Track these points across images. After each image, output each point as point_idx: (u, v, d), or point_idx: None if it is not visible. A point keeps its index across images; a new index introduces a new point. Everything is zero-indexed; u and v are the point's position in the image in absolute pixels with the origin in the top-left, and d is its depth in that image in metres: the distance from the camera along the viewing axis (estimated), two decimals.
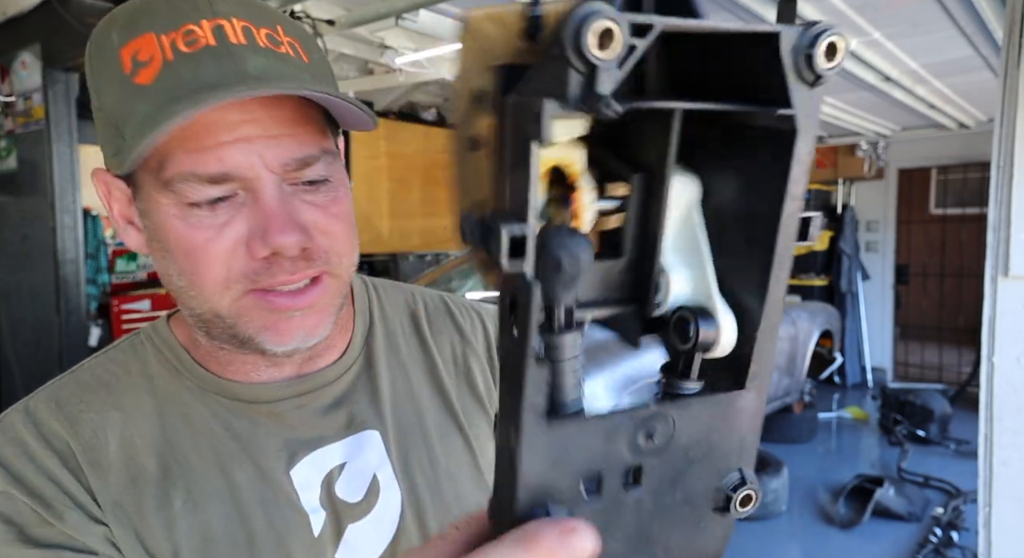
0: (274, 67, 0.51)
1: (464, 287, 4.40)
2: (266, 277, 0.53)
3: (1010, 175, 1.82)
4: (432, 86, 5.97)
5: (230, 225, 0.52)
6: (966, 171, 6.21)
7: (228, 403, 0.61)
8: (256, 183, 0.51)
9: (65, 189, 3.76)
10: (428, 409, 0.68)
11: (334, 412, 0.63)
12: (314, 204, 0.54)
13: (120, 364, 0.62)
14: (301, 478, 0.60)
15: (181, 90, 0.48)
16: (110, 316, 4.86)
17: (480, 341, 0.76)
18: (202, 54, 0.49)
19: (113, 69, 0.51)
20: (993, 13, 2.88)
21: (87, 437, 0.57)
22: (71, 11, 3.24)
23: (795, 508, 3.86)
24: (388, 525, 0.62)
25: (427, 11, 2.88)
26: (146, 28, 0.50)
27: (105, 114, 0.52)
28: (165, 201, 0.52)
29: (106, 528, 0.55)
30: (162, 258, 0.55)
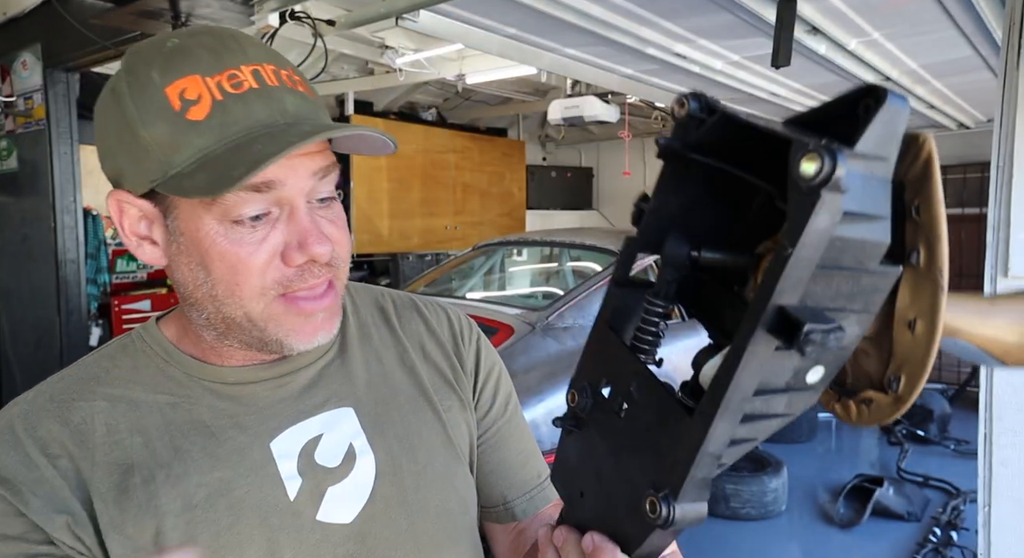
0: (303, 105, 0.60)
1: (464, 287, 4.40)
2: (298, 282, 0.61)
3: (1010, 175, 1.83)
4: (432, 86, 5.97)
5: (267, 240, 0.60)
6: (965, 171, 6.22)
7: (213, 386, 0.67)
8: (293, 202, 0.60)
9: (66, 189, 3.76)
10: (400, 388, 0.76)
11: (310, 391, 0.70)
12: (328, 219, 0.63)
13: (110, 359, 0.69)
14: (281, 449, 0.67)
15: (235, 126, 0.57)
16: (110, 316, 4.86)
17: (446, 332, 0.83)
18: (248, 95, 0.58)
19: (160, 105, 0.57)
20: (993, 13, 2.88)
21: (76, 423, 0.63)
22: (71, 11, 3.24)
23: (795, 508, 3.86)
24: (364, 487, 0.69)
25: (427, 11, 2.88)
26: (190, 70, 0.57)
27: (146, 143, 0.58)
28: (208, 218, 0.59)
29: (69, 517, 0.59)
30: (192, 269, 0.61)
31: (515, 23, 3.15)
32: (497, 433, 0.82)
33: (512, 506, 0.82)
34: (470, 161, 7.21)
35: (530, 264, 5.21)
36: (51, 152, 3.69)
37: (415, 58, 4.29)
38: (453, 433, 0.77)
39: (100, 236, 4.63)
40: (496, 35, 3.35)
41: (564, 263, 4.73)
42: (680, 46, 3.49)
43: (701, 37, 3.37)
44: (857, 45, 3.38)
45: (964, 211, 6.31)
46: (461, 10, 2.97)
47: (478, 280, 4.54)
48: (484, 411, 0.82)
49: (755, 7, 2.75)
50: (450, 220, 7.03)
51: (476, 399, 0.82)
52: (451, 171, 6.90)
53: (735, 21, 3.03)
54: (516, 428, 0.85)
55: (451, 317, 0.85)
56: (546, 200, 8.40)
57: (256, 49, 0.61)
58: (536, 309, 3.42)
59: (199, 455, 0.64)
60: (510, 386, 0.86)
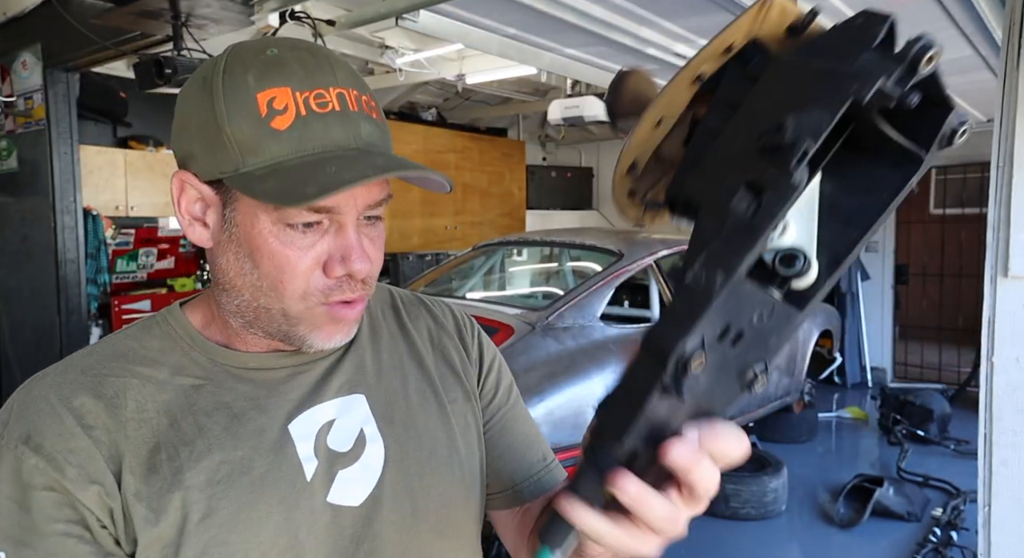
0: (375, 132, 0.64)
1: (464, 287, 4.41)
2: (337, 293, 0.66)
3: (1010, 175, 1.83)
4: (432, 86, 5.97)
5: (314, 248, 0.64)
6: (965, 171, 6.22)
7: (236, 371, 0.70)
8: (344, 219, 0.64)
9: (66, 189, 3.76)
10: (409, 378, 0.79)
11: (326, 379, 0.74)
12: (370, 238, 0.68)
13: (136, 339, 0.71)
14: (298, 431, 0.70)
15: (312, 143, 0.61)
16: (110, 316, 4.86)
17: (451, 326, 0.88)
18: (330, 116, 0.61)
19: (249, 107, 0.61)
20: (992, 13, 2.88)
21: (109, 396, 0.65)
22: (71, 11, 3.24)
23: (795, 508, 3.86)
24: (373, 471, 0.72)
25: (427, 11, 2.88)
26: (283, 82, 0.61)
27: (226, 139, 0.62)
28: (265, 217, 0.63)
29: (101, 488, 0.62)
30: (238, 258, 0.66)
31: (515, 23, 3.15)
32: (502, 419, 0.86)
33: (520, 488, 0.85)
34: (470, 161, 7.21)
35: (530, 264, 5.21)
36: (51, 152, 3.69)
37: (415, 58, 4.29)
38: (458, 423, 0.80)
39: (100, 236, 4.62)
40: (496, 35, 3.35)
41: (564, 263, 4.73)
42: (680, 46, 3.49)
43: (701, 37, 3.37)
44: None
45: (964, 211, 6.31)
46: (461, 10, 2.97)
47: (478, 280, 4.54)
48: (488, 399, 0.86)
49: None
50: (450, 220, 7.04)
51: (480, 388, 0.85)
52: (451, 171, 6.90)
53: None
54: (519, 414, 0.89)
55: (455, 312, 0.90)
56: (546, 200, 8.40)
57: (345, 73, 0.64)
58: (536, 309, 3.42)
59: (222, 434, 0.67)
60: (510, 376, 0.91)
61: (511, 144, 8.00)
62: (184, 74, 3.01)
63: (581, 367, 3.05)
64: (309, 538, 0.67)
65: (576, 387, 2.99)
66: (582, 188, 8.82)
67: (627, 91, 0.65)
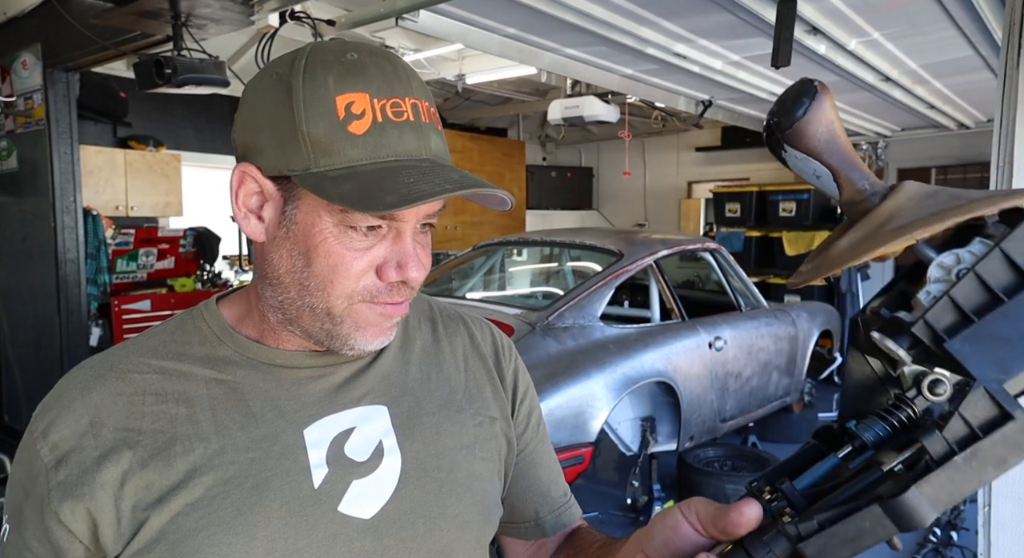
0: (442, 146, 0.66)
1: (464, 287, 4.41)
2: (386, 296, 0.66)
3: (1010, 175, 1.83)
4: (432, 86, 5.97)
5: (371, 251, 0.65)
6: (966, 171, 6.22)
7: (262, 366, 0.70)
8: (404, 227, 0.65)
9: (66, 189, 3.76)
10: (435, 395, 0.78)
11: (350, 385, 0.73)
12: (422, 245, 0.68)
13: (169, 333, 0.73)
14: (313, 437, 0.69)
15: (386, 150, 0.62)
16: (110, 316, 4.86)
17: (488, 348, 0.86)
18: (404, 125, 0.62)
19: (327, 109, 0.61)
20: (992, 13, 2.88)
21: (130, 392, 0.67)
22: (71, 11, 3.24)
23: None
24: (388, 485, 0.70)
25: (427, 11, 2.88)
26: (362, 88, 0.62)
27: (301, 137, 0.62)
28: (328, 218, 0.63)
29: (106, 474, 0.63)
30: (292, 255, 0.66)
31: (515, 23, 3.15)
32: (533, 452, 0.86)
33: (543, 522, 0.85)
34: (470, 161, 7.21)
35: (530, 264, 5.21)
36: (51, 152, 3.69)
37: (415, 58, 4.29)
38: (483, 445, 0.78)
39: (100, 236, 4.62)
40: (496, 35, 3.35)
41: (564, 263, 4.73)
42: (680, 46, 3.49)
43: (701, 37, 3.37)
44: (857, 45, 3.39)
45: None
46: (461, 10, 2.97)
47: (478, 280, 4.54)
48: (521, 430, 0.85)
49: (755, 7, 2.75)
50: (450, 220, 7.04)
51: (513, 417, 0.84)
52: None
53: (735, 21, 3.03)
54: (547, 447, 0.89)
55: (495, 334, 0.89)
56: (546, 200, 8.41)
57: (419, 85, 0.65)
58: (536, 309, 3.42)
59: (237, 433, 0.67)
60: (539, 405, 0.90)
61: (511, 144, 8.00)
62: (184, 74, 3.01)
63: (581, 367, 3.05)
64: (309, 547, 0.66)
65: (576, 387, 2.98)
66: (582, 188, 8.82)
67: (822, 123, 0.57)
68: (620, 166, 7.97)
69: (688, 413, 3.57)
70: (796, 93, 0.57)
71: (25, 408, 4.11)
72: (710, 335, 3.75)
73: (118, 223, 5.03)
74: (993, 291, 0.49)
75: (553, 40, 3.44)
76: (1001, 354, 0.48)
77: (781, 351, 4.35)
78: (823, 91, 0.57)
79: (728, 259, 4.35)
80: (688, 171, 8.21)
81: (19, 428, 4.14)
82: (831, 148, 0.57)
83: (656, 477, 3.58)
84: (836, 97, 3.53)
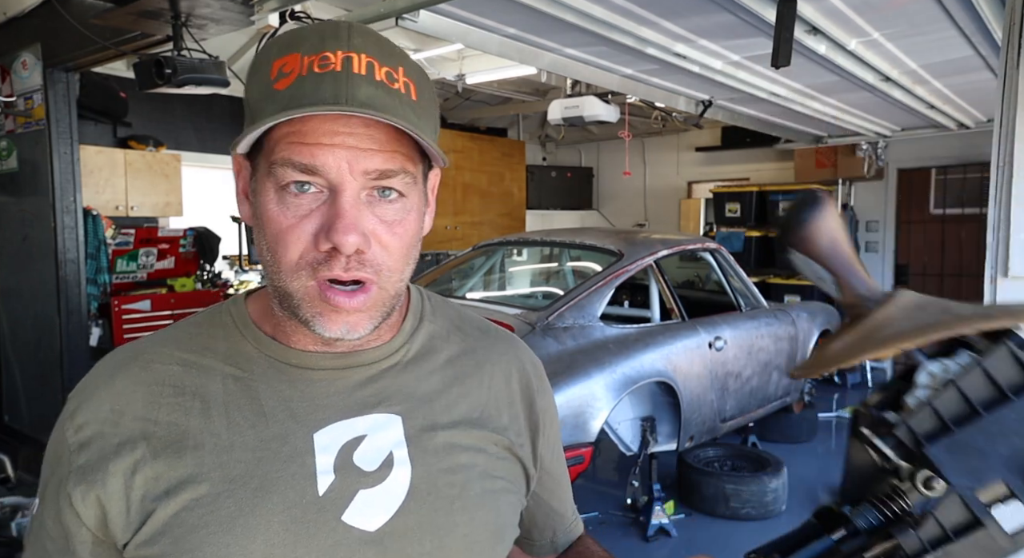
0: (379, 97, 0.61)
1: (464, 288, 4.41)
2: (324, 269, 0.62)
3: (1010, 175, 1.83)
4: None
5: (308, 218, 0.62)
6: (965, 171, 6.22)
7: (278, 365, 0.70)
8: (338, 185, 0.61)
9: (66, 189, 3.76)
10: (454, 409, 0.75)
11: (364, 390, 0.71)
12: (382, 218, 0.63)
13: (196, 326, 0.73)
14: (323, 442, 0.67)
15: (301, 99, 0.59)
16: (110, 316, 4.85)
17: (516, 365, 0.83)
18: (327, 75, 0.60)
19: (263, 74, 0.62)
20: (993, 13, 2.88)
21: (150, 382, 0.68)
22: (71, 11, 3.24)
23: (795, 508, 3.86)
24: (395, 498, 0.68)
25: (427, 11, 2.88)
26: (296, 49, 0.61)
27: (247, 106, 0.64)
28: (268, 183, 0.63)
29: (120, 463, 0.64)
30: (259, 233, 0.65)
31: (515, 23, 3.15)
32: (552, 476, 0.86)
33: (557, 539, 0.89)
34: (470, 161, 7.21)
35: (530, 264, 5.21)
36: (51, 152, 3.69)
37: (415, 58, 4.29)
38: (500, 464, 0.75)
39: (100, 236, 4.62)
40: (496, 35, 3.35)
41: (564, 263, 4.73)
42: (680, 46, 3.49)
43: (701, 37, 3.37)
44: (857, 45, 3.39)
45: (964, 211, 6.31)
46: (461, 10, 2.97)
47: (478, 280, 4.54)
48: (547, 456, 0.84)
49: (755, 7, 2.75)
50: (450, 220, 7.04)
51: (539, 439, 0.81)
52: (451, 171, 6.91)
53: (735, 21, 3.03)
54: (564, 467, 0.89)
55: (525, 354, 0.86)
56: (546, 200, 8.41)
57: (363, 39, 0.62)
58: (536, 309, 3.42)
59: (248, 432, 0.66)
60: (559, 421, 0.90)
61: (511, 144, 8.00)
62: (184, 74, 3.01)
63: (581, 367, 3.05)
64: (308, 555, 0.64)
65: (576, 387, 2.99)
66: (582, 188, 8.82)
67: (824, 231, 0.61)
68: (620, 166, 7.97)
69: (688, 413, 3.57)
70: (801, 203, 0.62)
71: (25, 408, 4.11)
72: (710, 335, 3.75)
73: (118, 223, 5.03)
74: (972, 405, 0.53)
75: (553, 40, 3.44)
76: (976, 464, 0.52)
77: (781, 351, 4.35)
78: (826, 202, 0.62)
79: (728, 259, 4.35)
80: (688, 171, 8.21)
81: (19, 428, 4.14)
82: (832, 255, 0.61)
83: (656, 477, 3.58)
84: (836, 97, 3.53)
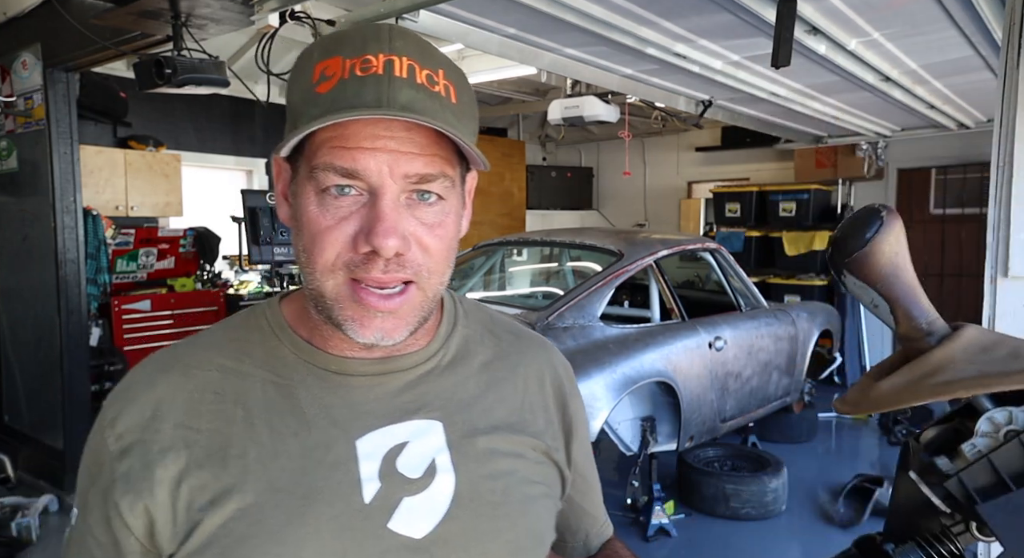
0: (420, 100, 0.61)
1: (464, 288, 4.41)
2: (362, 271, 0.62)
3: (1010, 175, 1.83)
4: None
5: (348, 220, 0.62)
6: (966, 171, 6.21)
7: (317, 371, 0.69)
8: (378, 189, 0.61)
9: (66, 189, 3.76)
10: (492, 414, 0.75)
11: (404, 395, 0.70)
12: (422, 220, 0.63)
13: (233, 329, 0.73)
14: (365, 449, 0.67)
15: (343, 103, 0.59)
16: (110, 316, 4.86)
17: (550, 370, 0.83)
18: (369, 79, 0.60)
19: (305, 77, 0.62)
20: (993, 13, 2.88)
21: (190, 388, 0.67)
22: (71, 11, 3.24)
23: (795, 508, 3.86)
24: (440, 505, 0.68)
25: (427, 11, 2.88)
26: (338, 52, 0.61)
27: (289, 109, 0.64)
28: (309, 186, 0.62)
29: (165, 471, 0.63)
30: (296, 234, 0.65)
31: (515, 23, 3.15)
32: (585, 478, 0.87)
33: (590, 542, 0.90)
34: None
35: (530, 264, 5.21)
36: (51, 152, 3.68)
37: None
38: (538, 469, 0.76)
39: (100, 236, 4.62)
40: (496, 35, 3.35)
41: (564, 263, 4.73)
42: (680, 46, 3.49)
43: (701, 37, 3.37)
44: (857, 45, 3.38)
45: (964, 211, 6.31)
46: (461, 10, 2.97)
47: (478, 280, 4.54)
48: (580, 458, 0.84)
49: (755, 7, 2.75)
50: None
51: (572, 443, 0.82)
52: None
53: (735, 21, 3.03)
54: (595, 471, 0.90)
55: (556, 357, 0.86)
56: (546, 200, 8.40)
57: (404, 42, 0.62)
58: (536, 309, 3.42)
59: (291, 440, 0.66)
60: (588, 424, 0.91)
61: (511, 144, 8.00)
62: (184, 74, 3.01)
63: (581, 367, 3.05)
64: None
65: None
66: (582, 188, 8.82)
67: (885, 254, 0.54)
68: (620, 166, 7.97)
69: (688, 413, 3.57)
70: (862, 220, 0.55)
71: (25, 408, 4.11)
72: (710, 335, 3.75)
73: (118, 223, 5.03)
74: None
75: (553, 40, 3.44)
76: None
77: (781, 351, 4.35)
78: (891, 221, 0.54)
79: (728, 259, 4.35)
80: (688, 171, 8.21)
81: (19, 428, 4.14)
82: (892, 281, 0.55)
83: (656, 477, 3.58)
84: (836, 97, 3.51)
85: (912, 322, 0.56)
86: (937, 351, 0.55)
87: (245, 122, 6.27)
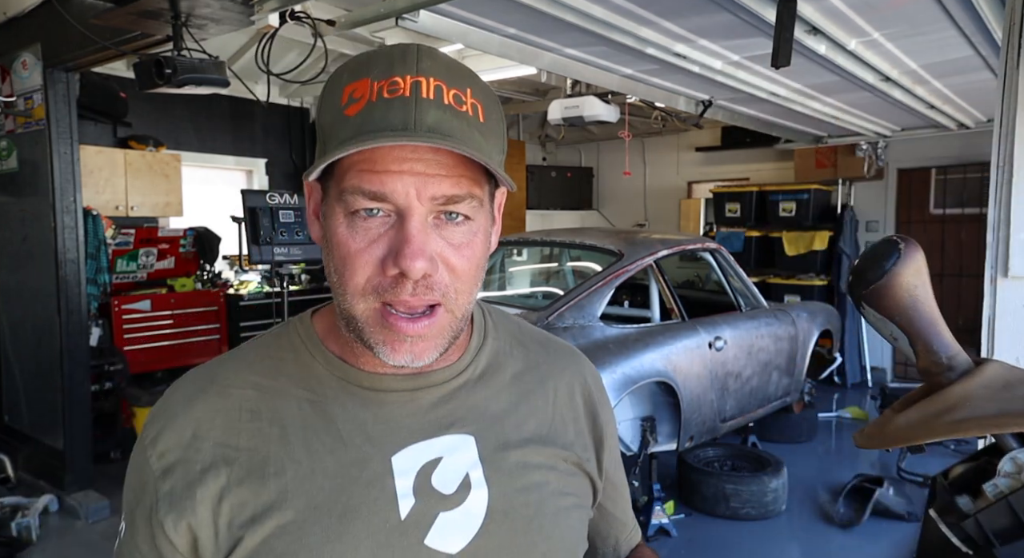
0: (447, 121, 0.61)
1: None
2: (391, 294, 0.62)
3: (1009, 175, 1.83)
4: None
5: (377, 243, 0.62)
6: (965, 171, 6.21)
7: (351, 388, 0.70)
8: (406, 211, 0.61)
9: (66, 189, 3.76)
10: (523, 427, 0.75)
11: (437, 411, 0.71)
12: (449, 241, 0.63)
13: (266, 346, 0.74)
14: (401, 465, 0.68)
15: (371, 126, 0.60)
16: (110, 316, 4.85)
17: (579, 380, 0.83)
18: (396, 101, 0.60)
19: (335, 100, 0.63)
20: (993, 13, 2.88)
21: (228, 408, 0.68)
22: (71, 11, 3.24)
23: (795, 508, 3.86)
24: (475, 520, 0.68)
25: (427, 11, 2.88)
26: (366, 74, 0.62)
27: (319, 131, 0.65)
28: (338, 208, 0.63)
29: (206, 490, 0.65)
30: (328, 255, 0.66)
31: (515, 23, 3.15)
32: (615, 486, 0.87)
33: (619, 549, 0.90)
34: None
35: (530, 264, 5.21)
36: (51, 152, 3.68)
37: None
38: (570, 481, 0.76)
39: (100, 236, 4.62)
40: (496, 35, 3.35)
41: (564, 263, 4.73)
42: (680, 46, 3.49)
43: (701, 37, 3.37)
44: (857, 45, 3.38)
45: (964, 211, 6.31)
46: (461, 10, 2.97)
47: None
48: (610, 467, 0.85)
49: (755, 7, 2.75)
50: None
51: (602, 453, 0.82)
52: None
53: (735, 21, 3.03)
54: (624, 478, 0.90)
55: (585, 366, 0.86)
56: (546, 200, 8.40)
57: (431, 62, 0.62)
58: (536, 309, 3.42)
59: (327, 458, 0.66)
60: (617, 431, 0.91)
61: (511, 144, 8.00)
62: (184, 74, 3.01)
63: None
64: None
65: None
66: (582, 188, 8.82)
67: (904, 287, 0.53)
68: (620, 166, 7.97)
69: (688, 413, 3.57)
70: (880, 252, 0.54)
71: (25, 408, 4.11)
72: (710, 335, 3.75)
73: (118, 223, 5.02)
74: None
75: (553, 40, 3.44)
76: None
77: (781, 351, 4.35)
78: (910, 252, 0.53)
79: (728, 259, 4.35)
80: (688, 171, 8.20)
81: (19, 428, 4.14)
82: (911, 314, 0.54)
83: (656, 477, 3.58)
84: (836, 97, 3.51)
85: (932, 356, 0.56)
86: (956, 387, 0.54)
87: (245, 122, 6.27)
